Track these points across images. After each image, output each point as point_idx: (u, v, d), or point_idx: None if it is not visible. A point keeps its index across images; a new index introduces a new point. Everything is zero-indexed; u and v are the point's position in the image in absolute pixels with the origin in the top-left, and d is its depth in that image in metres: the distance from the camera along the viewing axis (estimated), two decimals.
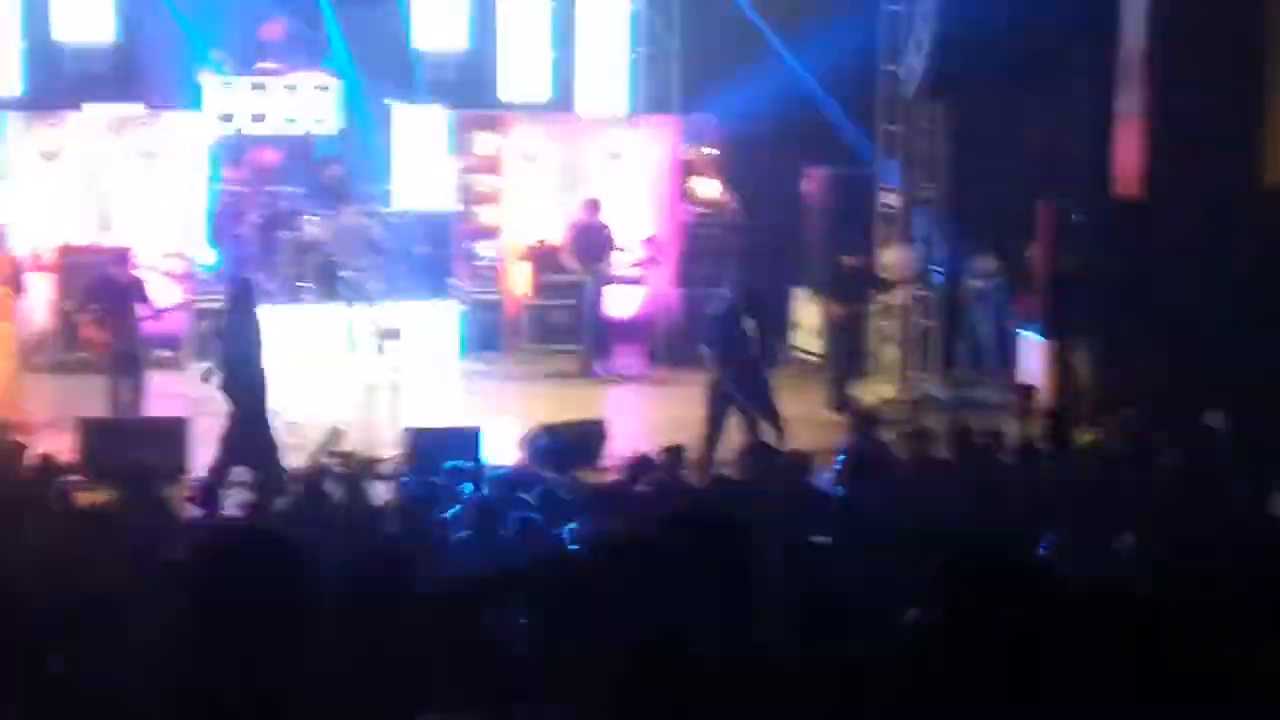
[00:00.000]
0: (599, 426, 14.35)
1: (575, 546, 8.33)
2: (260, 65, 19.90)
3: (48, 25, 19.31)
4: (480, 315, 19.30)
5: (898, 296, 17.73)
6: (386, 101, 19.96)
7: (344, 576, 5.30)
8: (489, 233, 20.17)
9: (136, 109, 19.19)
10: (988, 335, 18.00)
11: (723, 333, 14.46)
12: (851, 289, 17.04)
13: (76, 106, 18.96)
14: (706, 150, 20.44)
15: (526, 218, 20.05)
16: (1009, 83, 16.66)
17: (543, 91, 20.85)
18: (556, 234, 19.50)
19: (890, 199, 17.89)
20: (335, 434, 12.52)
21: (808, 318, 19.08)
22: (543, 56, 20.85)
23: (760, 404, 14.17)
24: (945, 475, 10.75)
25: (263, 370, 13.53)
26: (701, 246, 19.81)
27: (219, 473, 12.61)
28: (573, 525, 8.99)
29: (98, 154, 18.79)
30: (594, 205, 18.93)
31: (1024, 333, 17.10)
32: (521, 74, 20.78)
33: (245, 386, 13.32)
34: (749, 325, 14.39)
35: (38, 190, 18.45)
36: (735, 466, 11.76)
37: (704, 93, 20.25)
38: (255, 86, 19.89)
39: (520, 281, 19.70)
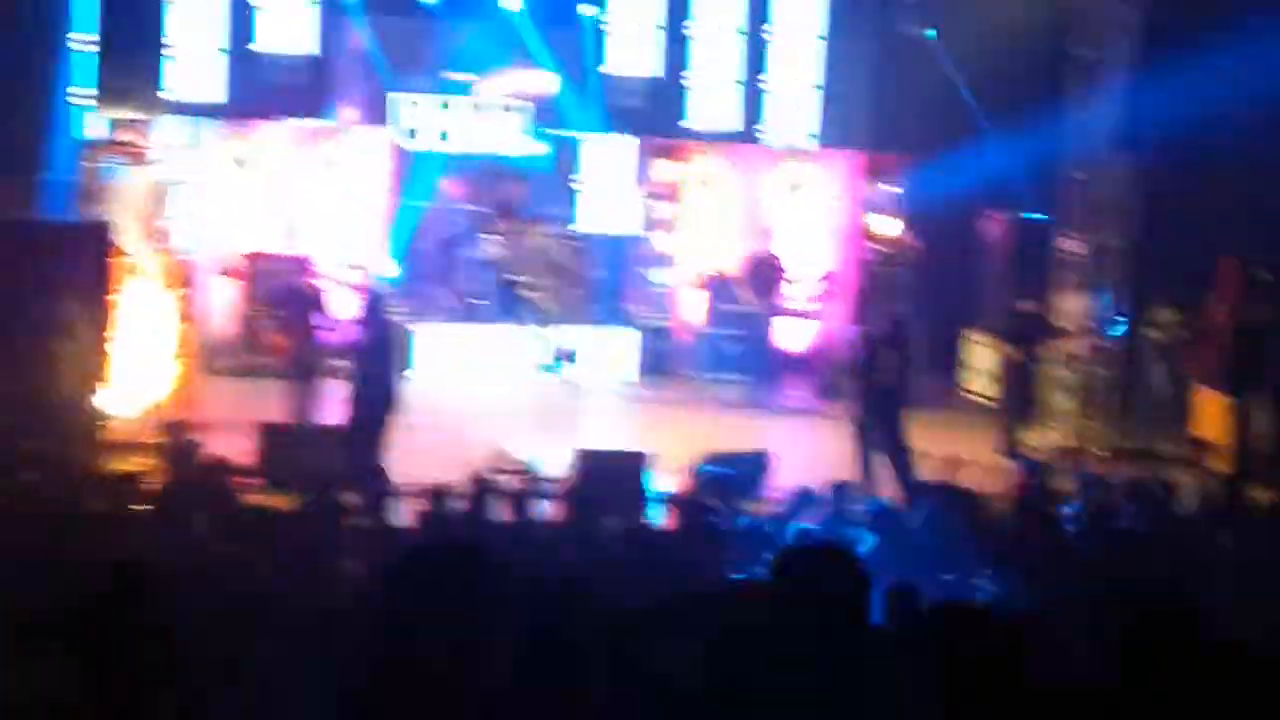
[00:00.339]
0: (764, 458, 14.32)
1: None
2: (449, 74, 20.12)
3: (248, 35, 19.75)
4: (653, 341, 19.38)
5: (1074, 344, 17.49)
6: (572, 134, 20.12)
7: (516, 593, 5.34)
8: (666, 259, 20.24)
9: (328, 122, 19.55)
10: (1163, 387, 17.69)
11: (861, 363, 14.46)
12: (1026, 334, 16.84)
13: (271, 116, 19.36)
14: (888, 187, 20.36)
15: (703, 246, 20.12)
16: (1204, 134, 16.45)
17: (729, 120, 20.95)
18: (732, 264, 19.55)
19: (1071, 245, 17.66)
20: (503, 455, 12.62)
21: (981, 360, 18.92)
22: (731, 85, 20.97)
23: (887, 437, 14.08)
24: (1117, 527, 10.57)
25: (390, 385, 13.63)
26: (878, 284, 19.71)
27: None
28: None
29: (288, 164, 19.16)
30: (769, 237, 18.94)
31: (1201, 387, 16.78)
32: (709, 102, 20.93)
33: (370, 399, 13.47)
34: (888, 357, 14.32)
35: (228, 196, 18.84)
36: None
37: (890, 129, 20.17)
38: (443, 105, 20.18)
39: (694, 309, 19.75)
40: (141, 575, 4.90)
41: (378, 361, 13.73)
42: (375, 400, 13.55)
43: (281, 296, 15.56)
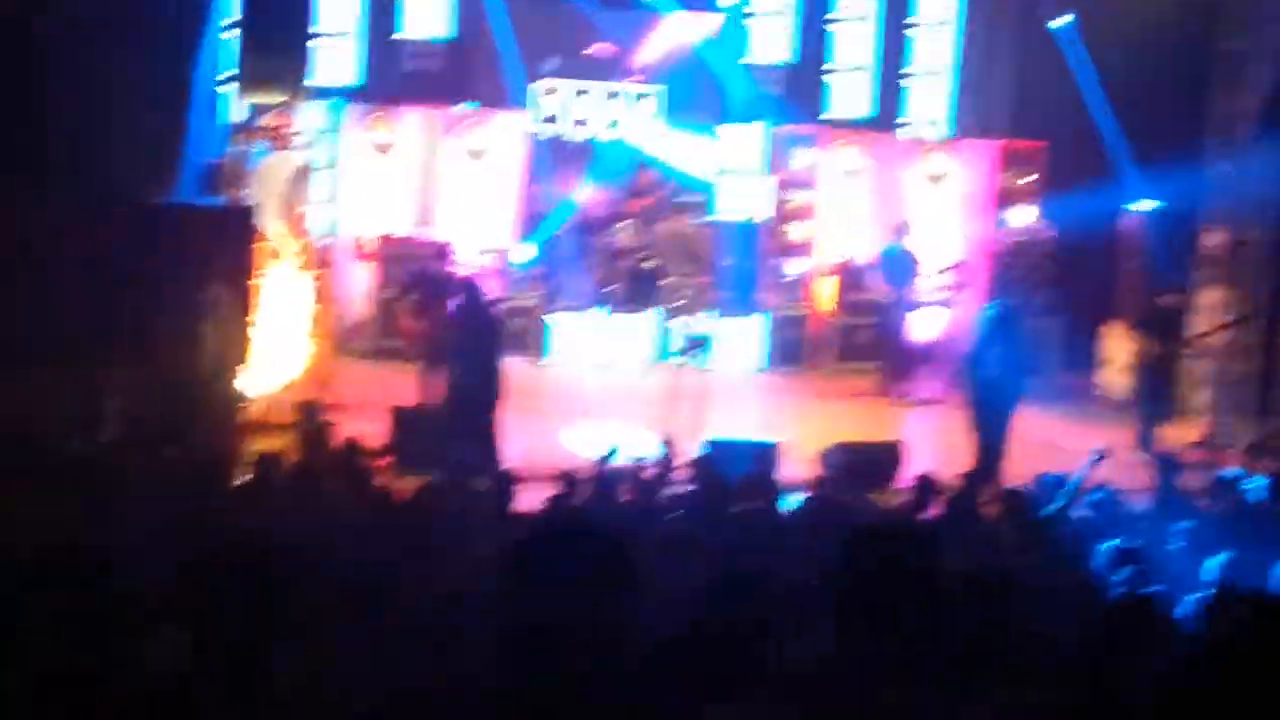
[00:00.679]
0: (895, 448, 14.27)
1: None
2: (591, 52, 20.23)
3: (390, 20, 19.98)
4: (784, 329, 19.37)
5: (1213, 339, 17.25)
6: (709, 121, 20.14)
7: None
8: (799, 248, 20.20)
9: (466, 108, 19.72)
10: None
11: (975, 351, 14.31)
12: (1166, 328, 16.62)
13: (410, 102, 19.57)
14: (1026, 177, 20.17)
15: (837, 235, 20.07)
16: None
17: (867, 109, 20.90)
18: (866, 253, 19.50)
19: (1214, 239, 17.41)
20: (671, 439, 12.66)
21: (1118, 354, 18.70)
22: (870, 74, 20.92)
23: (990, 429, 13.89)
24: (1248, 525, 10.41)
25: (493, 369, 13.67)
26: (1013, 275, 19.56)
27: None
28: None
29: (426, 150, 19.35)
30: (904, 228, 18.83)
31: None
32: (847, 91, 20.89)
33: (470, 383, 13.54)
34: (992, 349, 14.15)
35: (366, 181, 19.07)
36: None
37: (1029, 118, 19.99)
38: (580, 91, 20.30)
39: (826, 298, 19.71)
40: (271, 548, 5.01)
41: (483, 347, 13.76)
42: (480, 386, 13.58)
43: (416, 281, 15.72)
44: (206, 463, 10.24)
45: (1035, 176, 20.13)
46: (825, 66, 20.91)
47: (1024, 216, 20.07)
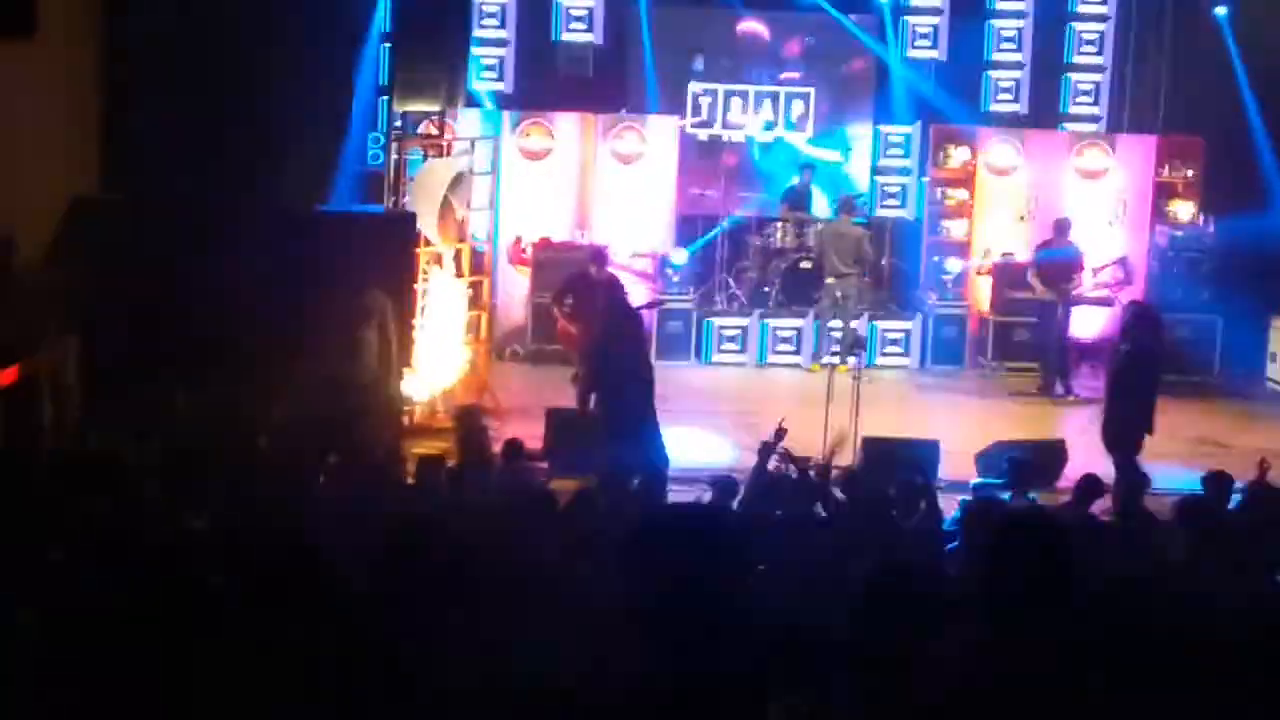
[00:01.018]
0: (1058, 447, 14.11)
1: None
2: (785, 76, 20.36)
3: (543, 27, 20.17)
4: (943, 329, 19.24)
5: None
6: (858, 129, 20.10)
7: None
8: (956, 246, 20.07)
9: (621, 113, 19.83)
10: None
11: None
12: None
13: (566, 107, 19.73)
14: (1185, 171, 19.86)
15: (995, 233, 19.91)
16: None
17: (1022, 105, 20.76)
18: (1023, 251, 19.32)
19: None
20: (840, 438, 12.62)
21: None
22: (1025, 69, 20.77)
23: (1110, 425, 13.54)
24: None
25: (635, 371, 13.65)
26: (1174, 269, 19.28)
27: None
28: None
29: (581, 154, 19.48)
30: (1064, 225, 18.60)
31: None
32: (1002, 87, 20.77)
33: (615, 386, 13.53)
34: (1116, 348, 13.87)
35: (522, 186, 19.23)
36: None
37: (1188, 112, 19.70)
38: (733, 93, 20.40)
39: (984, 297, 19.55)
40: (430, 538, 5.13)
41: (628, 349, 13.73)
42: (631, 387, 13.55)
43: (572, 285, 15.83)
44: (370, 464, 10.40)
45: (1193, 171, 19.80)
46: (982, 63, 20.78)
47: (1183, 211, 19.76)
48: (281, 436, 11.18)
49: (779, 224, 19.67)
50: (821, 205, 20.01)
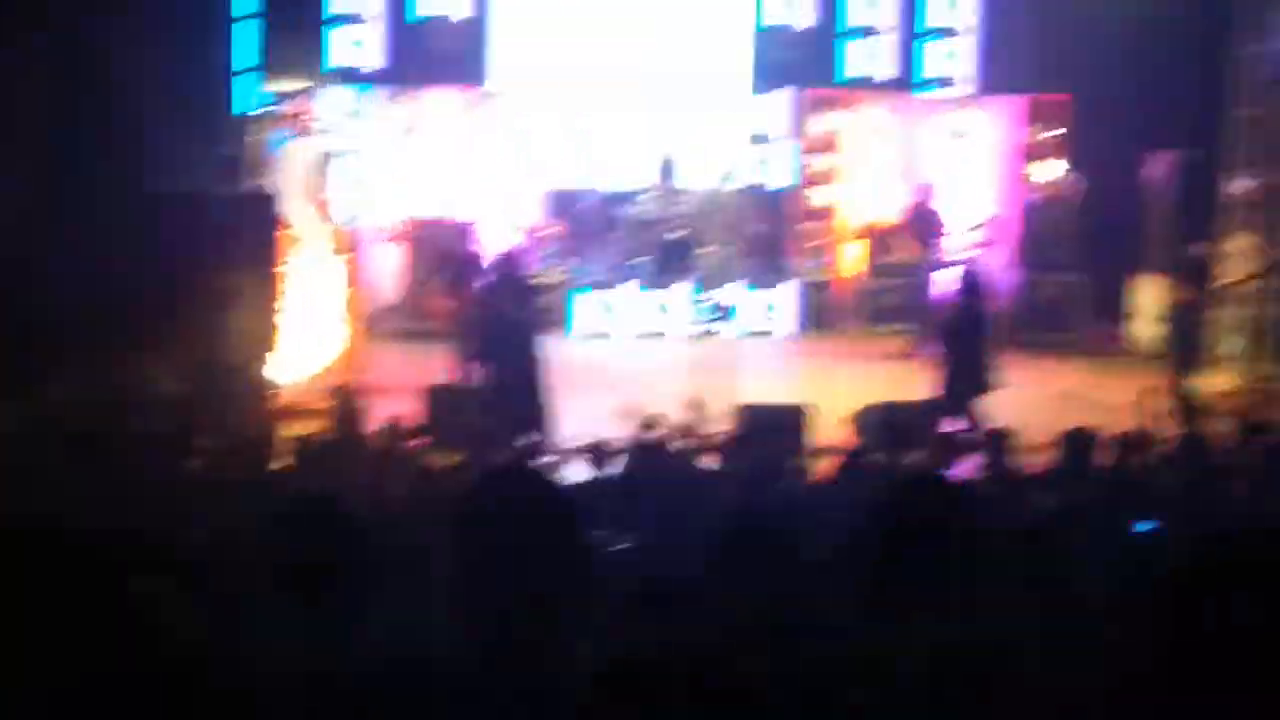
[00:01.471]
0: (940, 404, 14.23)
1: None
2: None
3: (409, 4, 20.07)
4: (813, 294, 19.37)
5: (1244, 286, 17.19)
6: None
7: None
8: (825, 213, 20.21)
9: (488, 87, 19.77)
10: None
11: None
12: (1194, 276, 16.56)
13: (432, 83, 19.63)
14: (1051, 130, 20.12)
15: (863, 198, 20.06)
16: None
17: (887, 69, 20.93)
18: (892, 215, 19.49)
19: (1240, 185, 17.33)
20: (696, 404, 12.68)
21: (1147, 305, 18.68)
22: (889, 33, 20.94)
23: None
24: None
25: (528, 338, 13.73)
26: (1040, 229, 19.54)
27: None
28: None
29: (449, 130, 19.40)
30: (928, 189, 18.80)
31: None
32: (866, 51, 20.94)
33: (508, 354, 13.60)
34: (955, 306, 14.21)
35: (391, 163, 19.13)
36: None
37: (1053, 70, 19.93)
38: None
39: (854, 261, 19.70)
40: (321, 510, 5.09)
41: (519, 321, 13.80)
42: (515, 359, 13.63)
43: (443, 261, 15.77)
44: (242, 449, 10.31)
45: (1062, 130, 20.06)
46: (845, 28, 20.93)
47: (1051, 171, 20.01)
48: (148, 420, 11.04)
49: (648, 194, 19.68)
50: (692, 175, 20.03)
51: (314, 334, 15.43)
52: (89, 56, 12.96)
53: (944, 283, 15.28)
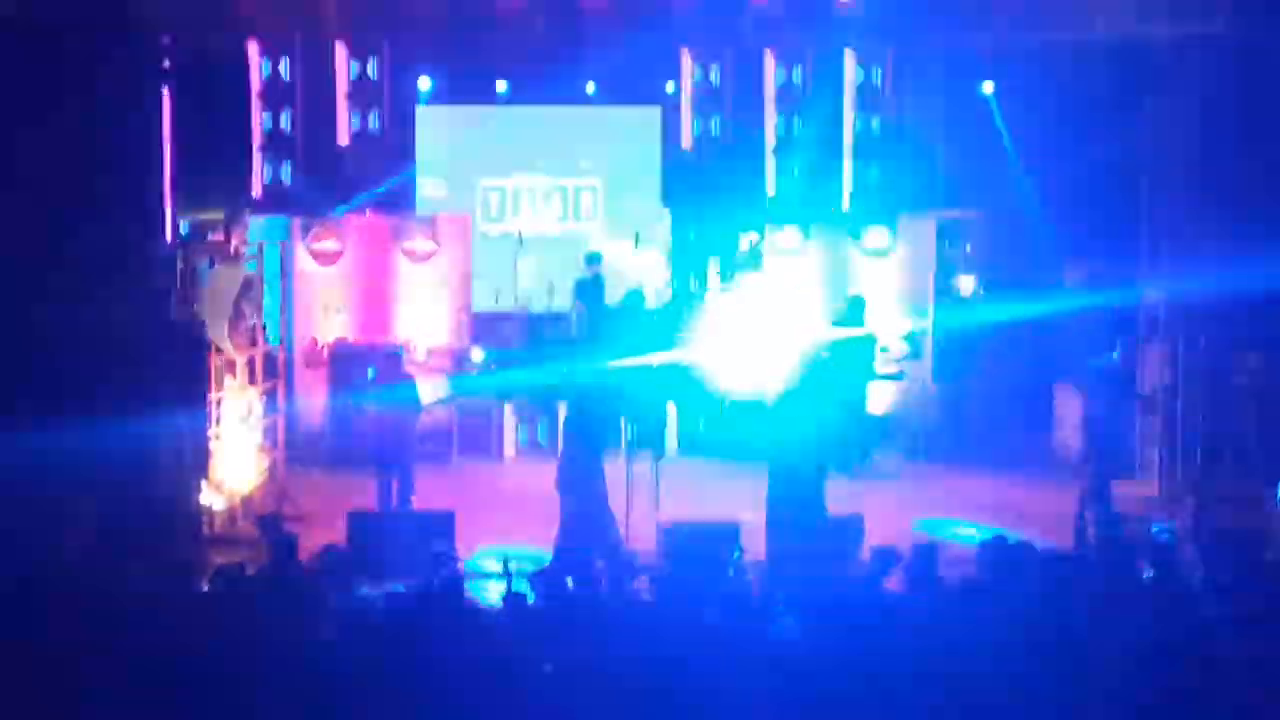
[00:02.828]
0: (856, 521, 14.33)
1: None
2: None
3: (331, 130, 20.25)
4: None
5: (1157, 395, 17.45)
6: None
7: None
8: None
9: (411, 211, 19.95)
10: (1252, 433, 17.56)
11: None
12: (1112, 387, 16.79)
13: (355, 208, 19.80)
14: (963, 246, 20.44)
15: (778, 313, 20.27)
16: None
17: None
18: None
19: (1154, 296, 17.64)
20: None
21: (1068, 414, 18.90)
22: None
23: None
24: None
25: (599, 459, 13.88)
26: (958, 343, 19.77)
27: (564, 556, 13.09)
28: None
29: (372, 255, 19.48)
30: (858, 303, 19.03)
31: None
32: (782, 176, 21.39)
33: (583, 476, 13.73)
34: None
35: (314, 289, 19.17)
36: None
37: (964, 189, 20.27)
38: (527, 189, 20.66)
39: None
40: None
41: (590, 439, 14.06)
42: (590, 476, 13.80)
43: (368, 385, 15.79)
44: (174, 577, 10.27)
45: (970, 246, 20.39)
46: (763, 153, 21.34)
47: (964, 285, 20.29)
48: (82, 549, 11.01)
49: (573, 315, 19.80)
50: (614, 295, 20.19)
51: (240, 460, 15.41)
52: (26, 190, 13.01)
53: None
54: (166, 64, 15.17)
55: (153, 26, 14.64)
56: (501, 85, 20.93)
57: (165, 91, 15.31)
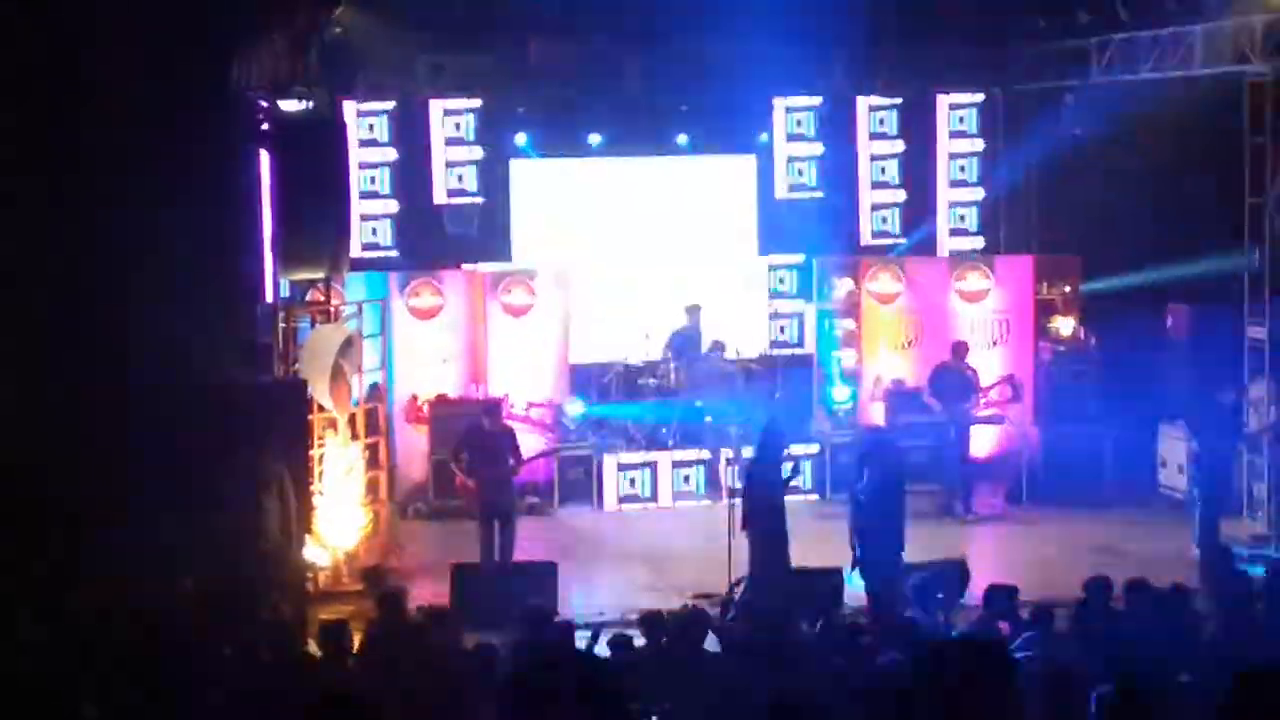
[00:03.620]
0: (961, 566, 14.24)
1: None
2: None
3: (424, 189, 20.42)
4: (839, 457, 19.34)
5: (1266, 431, 17.21)
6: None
7: None
8: (848, 376, 20.35)
9: (507, 264, 20.08)
10: None
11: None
12: (1220, 424, 16.59)
13: (451, 264, 19.93)
14: (1063, 287, 20.31)
15: (883, 360, 20.20)
16: None
17: (900, 233, 21.25)
18: (911, 376, 19.65)
19: (1257, 332, 17.42)
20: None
21: (1173, 455, 18.67)
22: (898, 200, 21.29)
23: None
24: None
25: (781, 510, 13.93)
26: (1060, 384, 19.62)
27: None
28: None
29: (470, 309, 19.60)
30: (961, 348, 18.93)
31: None
32: (879, 218, 21.27)
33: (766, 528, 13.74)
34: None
35: (414, 345, 19.32)
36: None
37: (1062, 230, 20.14)
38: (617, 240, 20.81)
39: (877, 422, 19.74)
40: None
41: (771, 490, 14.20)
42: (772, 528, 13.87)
43: (469, 439, 15.85)
44: (286, 633, 10.34)
45: (1070, 288, 20.26)
46: (857, 197, 21.28)
47: (1064, 327, 20.16)
48: (185, 610, 11.09)
49: (669, 365, 19.82)
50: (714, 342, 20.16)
51: (344, 516, 15.51)
52: (128, 251, 13.18)
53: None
54: (265, 125, 15.36)
55: (249, 88, 14.83)
56: (595, 138, 21.04)
57: (264, 153, 15.50)
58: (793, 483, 15.35)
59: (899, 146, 21.28)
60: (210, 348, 14.08)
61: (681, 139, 21.28)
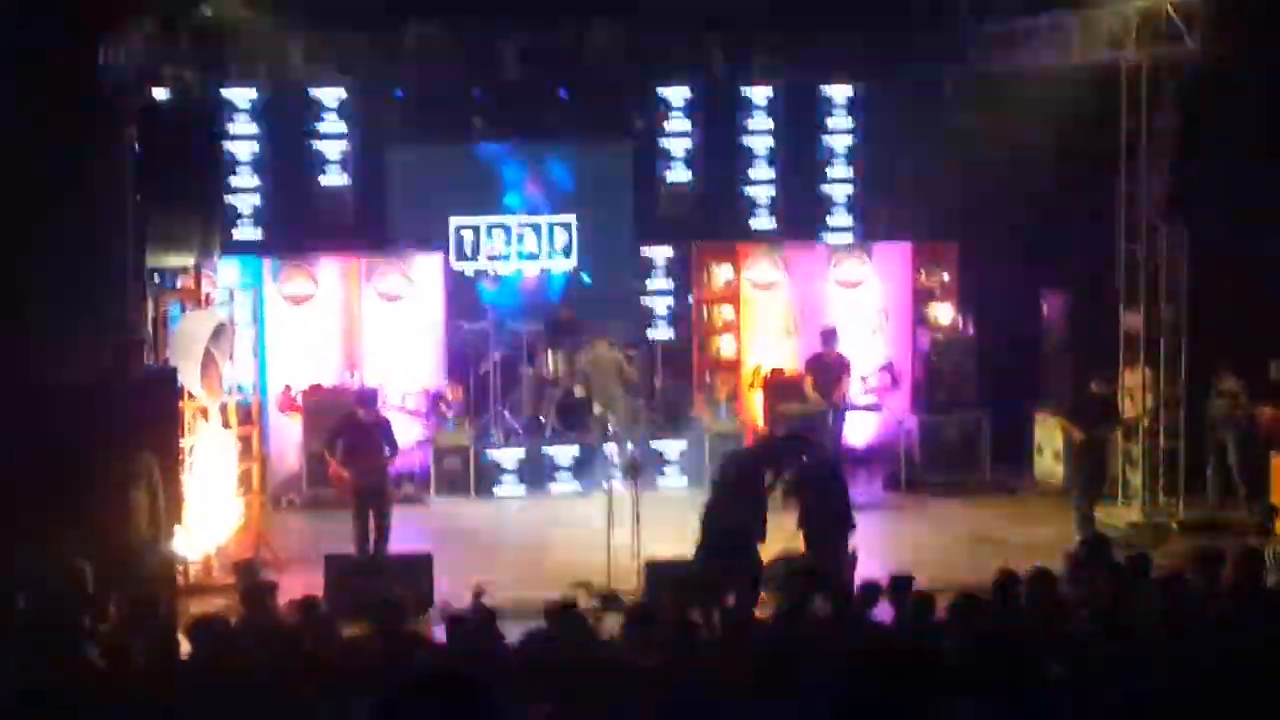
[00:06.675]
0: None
1: None
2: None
3: (297, 173, 20.10)
4: (720, 446, 19.26)
5: (1140, 418, 17.36)
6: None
7: None
8: (725, 364, 20.30)
9: (383, 253, 19.80)
10: (1234, 455, 17.51)
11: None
12: (1094, 414, 16.70)
13: (326, 251, 19.61)
14: (941, 275, 20.36)
15: (763, 348, 20.17)
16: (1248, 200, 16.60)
17: (776, 223, 21.19)
18: (791, 363, 19.62)
19: (1132, 320, 17.54)
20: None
21: (1050, 442, 18.83)
22: (775, 189, 21.23)
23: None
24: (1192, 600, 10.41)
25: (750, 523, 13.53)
26: (938, 372, 19.67)
27: None
28: None
29: (345, 297, 19.34)
30: (830, 334, 18.94)
31: (1275, 453, 16.69)
32: (755, 206, 21.22)
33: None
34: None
35: (287, 333, 19.03)
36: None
37: (941, 217, 20.17)
38: (495, 226, 20.52)
39: (757, 412, 19.72)
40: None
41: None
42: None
43: (343, 428, 15.60)
44: (157, 629, 10.08)
45: (949, 275, 20.31)
46: (736, 182, 21.19)
47: (943, 314, 20.21)
48: (48, 603, 10.79)
49: (549, 354, 19.65)
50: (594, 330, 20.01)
51: (215, 508, 15.22)
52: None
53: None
54: (133, 109, 14.99)
55: (118, 72, 14.49)
56: (475, 121, 20.76)
57: (132, 136, 15.12)
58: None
59: (777, 135, 21.25)
60: (78, 337, 13.76)
61: (557, 124, 21.06)
